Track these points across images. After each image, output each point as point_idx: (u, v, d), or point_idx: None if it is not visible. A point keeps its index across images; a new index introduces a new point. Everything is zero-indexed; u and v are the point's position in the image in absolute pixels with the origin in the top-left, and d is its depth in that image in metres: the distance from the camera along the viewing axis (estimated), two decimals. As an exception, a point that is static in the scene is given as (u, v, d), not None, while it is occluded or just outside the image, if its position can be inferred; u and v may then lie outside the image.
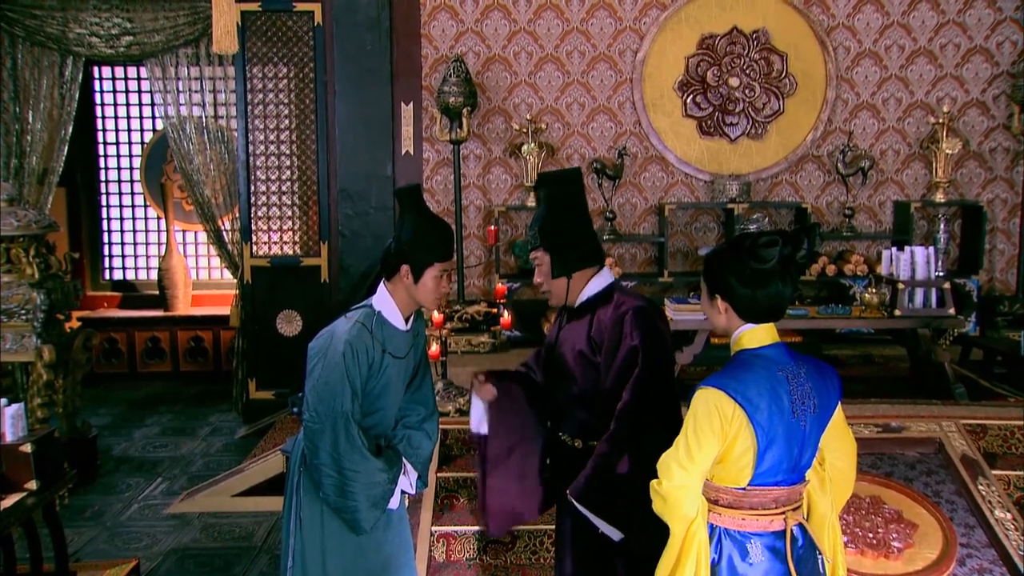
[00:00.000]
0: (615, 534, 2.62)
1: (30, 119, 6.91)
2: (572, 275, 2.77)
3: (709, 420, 2.21)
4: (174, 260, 8.37)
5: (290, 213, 6.89)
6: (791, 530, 2.31)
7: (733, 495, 2.30)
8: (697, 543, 2.26)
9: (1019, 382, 5.41)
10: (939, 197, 6.56)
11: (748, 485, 2.28)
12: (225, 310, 7.45)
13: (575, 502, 2.64)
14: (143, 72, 8.04)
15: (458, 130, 6.34)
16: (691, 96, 6.66)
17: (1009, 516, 3.92)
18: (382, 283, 2.86)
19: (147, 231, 8.82)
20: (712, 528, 2.32)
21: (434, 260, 2.72)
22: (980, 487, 4.07)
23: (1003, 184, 6.77)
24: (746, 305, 2.30)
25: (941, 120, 6.45)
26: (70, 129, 6.97)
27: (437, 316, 4.56)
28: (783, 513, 2.31)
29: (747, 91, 6.65)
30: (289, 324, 6.87)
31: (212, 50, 4.73)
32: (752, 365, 2.28)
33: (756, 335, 2.33)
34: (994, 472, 4.25)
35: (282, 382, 6.74)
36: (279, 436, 5.85)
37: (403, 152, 6.71)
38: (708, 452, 2.24)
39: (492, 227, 5.31)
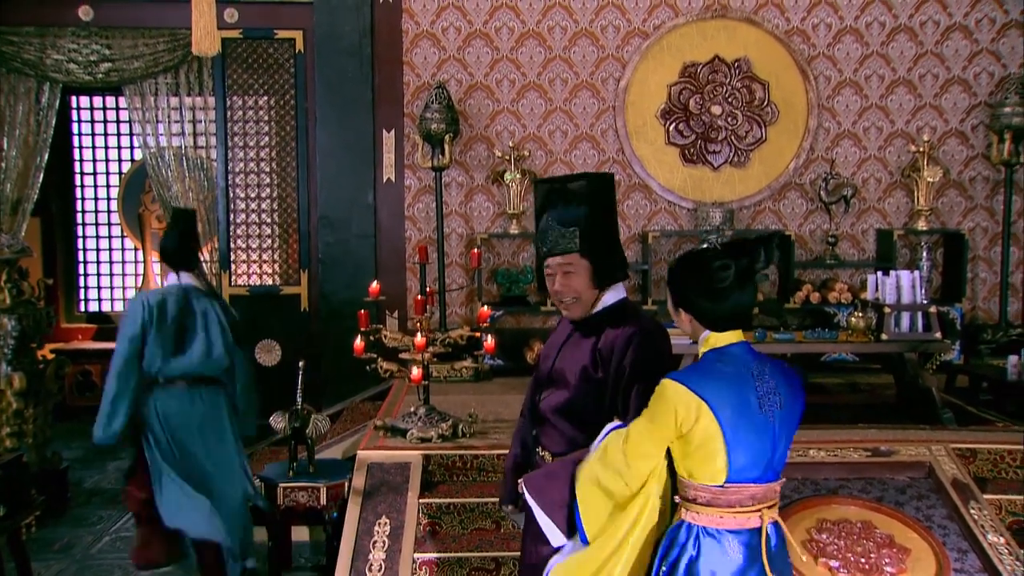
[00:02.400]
0: (556, 537, 2.47)
1: (4, 146, 6.81)
2: (608, 286, 2.62)
3: (664, 412, 2.31)
4: (151, 291, 8.23)
5: (270, 241, 6.82)
6: (766, 528, 2.37)
7: (711, 493, 2.35)
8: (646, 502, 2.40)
9: (1005, 408, 5.37)
10: (921, 225, 6.58)
11: (725, 483, 2.33)
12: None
13: (523, 486, 2.51)
14: (121, 102, 7.99)
15: (440, 157, 6.30)
16: (674, 124, 6.67)
17: (1002, 540, 3.84)
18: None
19: (124, 262, 8.70)
20: (690, 527, 2.38)
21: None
22: (972, 511, 4.00)
23: (984, 212, 6.79)
24: (709, 317, 2.39)
25: (922, 149, 6.48)
26: (46, 156, 6.88)
27: (419, 340, 4.47)
28: (759, 511, 2.37)
29: (729, 119, 6.67)
30: (268, 354, 6.76)
31: (192, 51, 4.64)
32: (717, 362, 2.37)
33: (722, 336, 2.41)
34: (985, 496, 4.18)
35: (261, 413, 6.60)
36: (258, 467, 5.69)
37: (385, 179, 6.67)
38: (656, 440, 2.35)
39: (475, 250, 5.24)
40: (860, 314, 5.22)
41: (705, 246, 2.56)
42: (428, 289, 4.98)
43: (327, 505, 4.22)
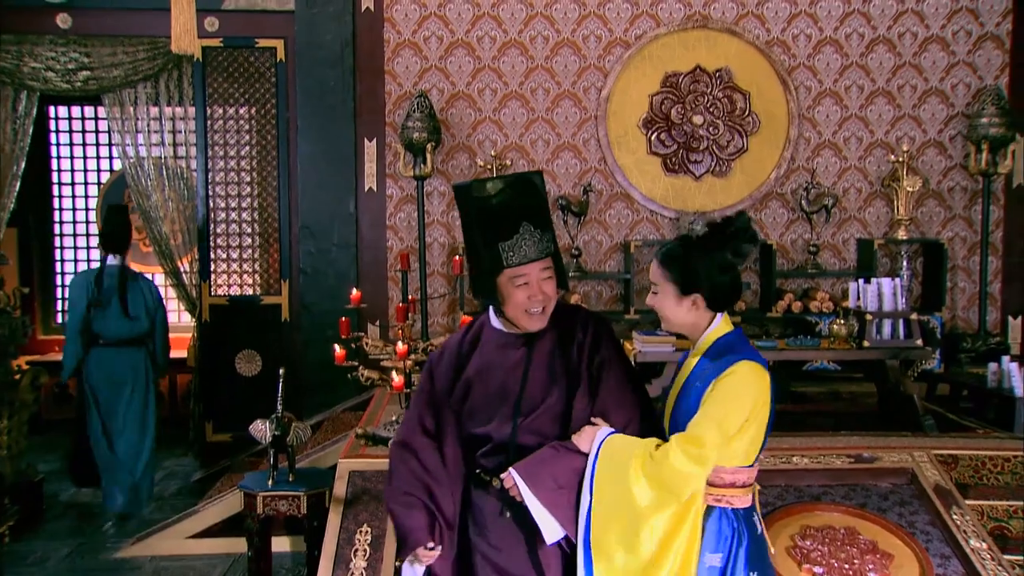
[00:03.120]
0: (553, 531, 2.39)
1: (-19, 154, 6.74)
2: None
3: (760, 400, 2.38)
4: (130, 302, 8.17)
5: (250, 251, 6.78)
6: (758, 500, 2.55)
7: (746, 474, 2.46)
8: (694, 511, 2.40)
9: (985, 415, 5.39)
10: (901, 234, 6.61)
11: (754, 461, 2.47)
12: (182, 353, 7.26)
13: (516, 474, 2.37)
14: (100, 112, 7.93)
15: (422, 166, 6.29)
16: (655, 133, 6.69)
17: (984, 546, 3.85)
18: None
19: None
20: (734, 513, 2.45)
21: None
22: (954, 517, 4.00)
23: (962, 222, 6.84)
24: (723, 293, 2.48)
25: (901, 159, 6.53)
26: (23, 165, 6.78)
27: (401, 347, 4.44)
28: (755, 484, 2.54)
29: (711, 129, 6.69)
30: (249, 364, 6.70)
31: (172, 49, 4.60)
32: (747, 341, 2.51)
33: (723, 324, 2.52)
34: (967, 502, 4.18)
35: (241, 424, 6.47)
36: (237, 478, 5.64)
37: (366, 189, 6.64)
38: (750, 436, 2.39)
39: (457, 257, 5.22)
40: (842, 321, 5.24)
41: (694, 230, 2.55)
42: (410, 297, 4.95)
43: (308, 514, 4.20)
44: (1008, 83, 6.68)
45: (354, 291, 4.86)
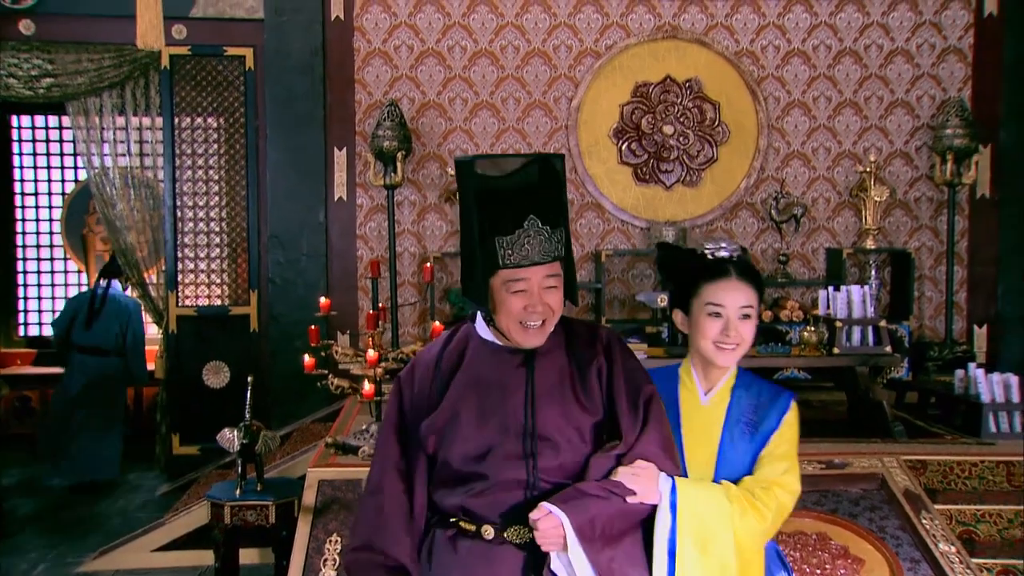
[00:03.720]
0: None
1: (-59, 163, 6.62)
2: None
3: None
4: (95, 314, 8.05)
5: (218, 261, 6.70)
6: None
7: None
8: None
9: (953, 422, 5.44)
10: (869, 244, 6.67)
11: None
12: (149, 366, 7.15)
13: (563, 516, 1.92)
14: (65, 121, 7.82)
15: (392, 175, 6.26)
16: (626, 143, 6.71)
17: (953, 549, 3.87)
18: None
19: (67, 285, 8.47)
20: (773, 547, 2.47)
21: None
22: (924, 521, 4.02)
23: (929, 232, 6.92)
24: None
25: (868, 169, 6.59)
26: (-16, 175, 6.69)
27: (371, 354, 4.39)
28: None
29: (681, 139, 6.73)
30: (216, 376, 6.62)
31: (137, 44, 4.53)
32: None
33: None
34: (936, 506, 4.22)
35: (208, 436, 6.35)
36: (205, 491, 5.54)
37: (336, 198, 6.60)
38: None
39: (428, 264, 5.19)
40: (812, 329, 5.27)
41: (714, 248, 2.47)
42: (380, 305, 4.91)
43: (276, 524, 4.15)
44: (971, 95, 6.78)
45: (323, 299, 4.82)
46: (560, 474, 2.03)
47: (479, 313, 2.16)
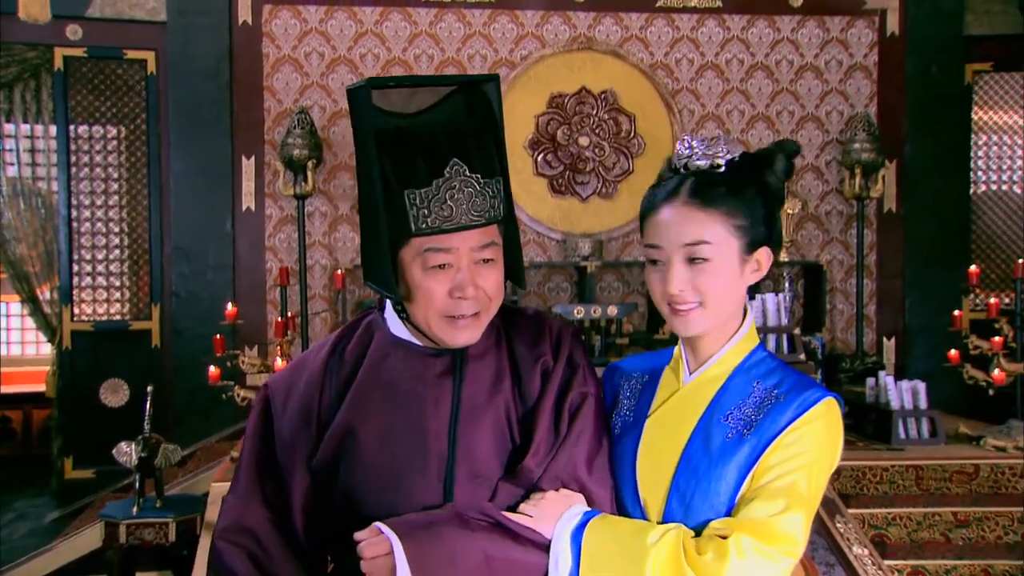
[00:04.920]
0: None
1: None
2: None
3: (838, 446, 1.59)
4: (-19, 333, 7.66)
5: (118, 274, 6.40)
6: None
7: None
8: None
9: (865, 430, 5.49)
10: (783, 257, 6.72)
11: None
12: (40, 387, 6.79)
13: (399, 550, 1.41)
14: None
15: (303, 184, 6.08)
16: (542, 154, 6.66)
17: (866, 552, 3.88)
18: None
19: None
20: None
21: None
22: (838, 525, 4.03)
23: (839, 246, 7.03)
24: (778, 249, 1.66)
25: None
26: None
27: (280, 364, 4.21)
28: None
29: (597, 150, 6.71)
30: (114, 394, 6.30)
31: (19, 16, 4.27)
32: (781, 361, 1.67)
33: (753, 327, 1.67)
34: (850, 511, 4.25)
35: (105, 459, 6.05)
36: (98, 514, 5.24)
37: (244, 208, 6.38)
38: (821, 493, 1.57)
39: (339, 271, 5.03)
40: (726, 337, 5.25)
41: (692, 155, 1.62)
42: (289, 313, 4.73)
43: (177, 542, 3.95)
44: (877, 111, 6.93)
45: (229, 306, 4.63)
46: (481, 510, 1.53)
47: (388, 302, 1.63)
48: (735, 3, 6.76)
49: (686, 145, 1.62)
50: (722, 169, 1.57)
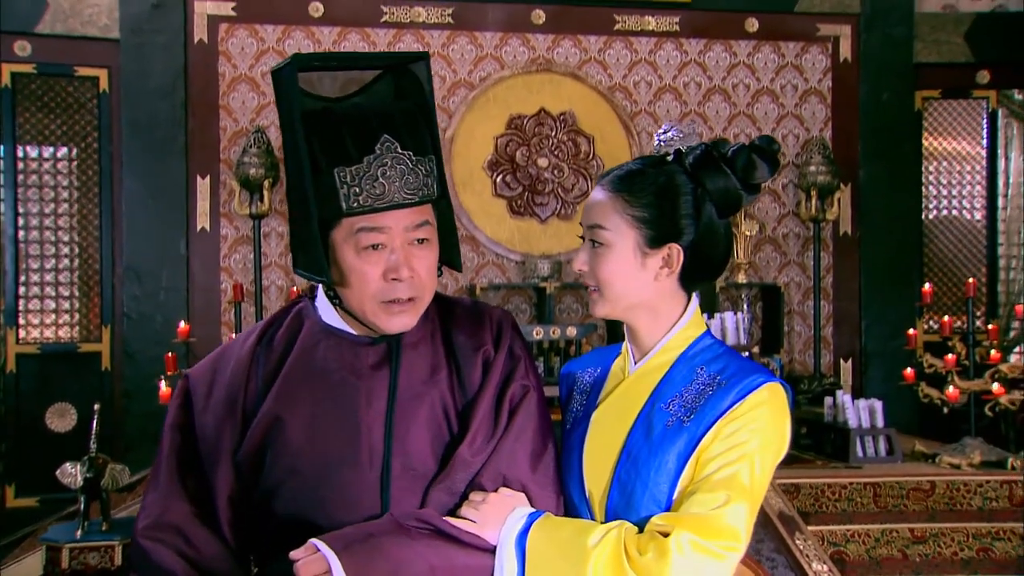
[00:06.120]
0: None
1: None
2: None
3: (784, 434, 1.51)
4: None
5: (67, 296, 6.25)
6: None
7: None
8: None
9: (823, 449, 5.52)
10: (741, 279, 6.77)
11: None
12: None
13: (337, 568, 1.33)
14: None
15: (259, 203, 6.01)
16: (501, 175, 6.65)
17: (826, 568, 3.89)
18: None
19: None
20: None
21: None
22: (798, 542, 4.02)
23: (796, 268, 7.08)
24: (715, 250, 1.60)
25: (738, 204, 6.71)
26: None
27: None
28: None
29: (556, 172, 6.72)
30: (61, 419, 6.12)
31: None
32: (733, 351, 1.63)
33: (699, 315, 1.63)
34: (809, 528, 4.25)
35: (50, 485, 5.89)
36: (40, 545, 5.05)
37: (198, 228, 6.28)
38: (766, 485, 1.51)
39: (294, 288, 4.96)
40: (685, 356, 5.25)
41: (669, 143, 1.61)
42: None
43: (123, 566, 3.81)
44: (831, 135, 7.03)
45: (182, 323, 4.54)
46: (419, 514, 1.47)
47: (319, 288, 1.58)
48: (692, 27, 6.84)
49: (660, 130, 1.65)
50: (670, 159, 1.60)
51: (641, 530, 1.44)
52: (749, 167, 1.54)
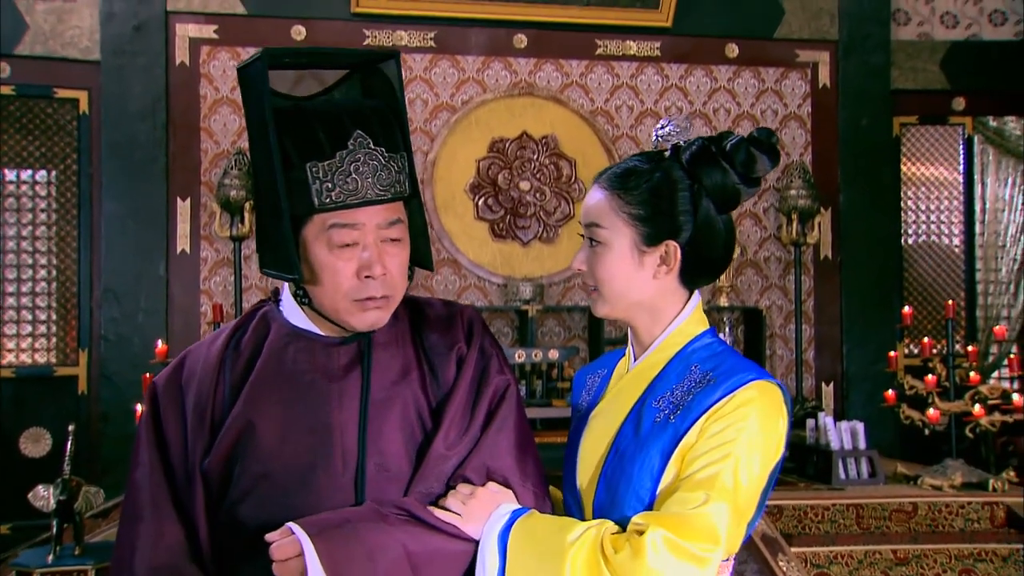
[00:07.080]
0: None
1: None
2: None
3: (778, 453, 1.47)
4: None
5: (44, 320, 6.18)
6: None
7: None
8: None
9: (806, 472, 5.52)
10: (723, 302, 6.78)
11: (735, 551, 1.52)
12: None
13: (310, 549, 1.32)
14: None
15: (239, 225, 5.97)
16: (483, 198, 6.65)
17: (810, 591, 3.86)
18: None
19: None
20: None
21: None
22: (781, 564, 4.00)
23: (778, 291, 7.11)
24: (714, 248, 1.58)
25: (719, 227, 6.74)
26: None
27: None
28: None
29: (538, 195, 6.73)
30: (36, 444, 6.04)
31: None
32: (733, 350, 1.60)
33: (699, 315, 1.60)
34: (793, 549, 4.24)
35: (23, 512, 5.79)
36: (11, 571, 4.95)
37: (178, 250, 6.24)
38: (757, 489, 1.47)
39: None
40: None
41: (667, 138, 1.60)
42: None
43: (95, 593, 3.74)
44: (811, 160, 7.09)
45: (160, 343, 4.49)
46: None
47: (284, 291, 1.56)
48: (673, 52, 6.89)
49: (658, 125, 1.67)
50: (667, 154, 1.61)
51: (624, 528, 1.42)
52: (749, 161, 1.54)
